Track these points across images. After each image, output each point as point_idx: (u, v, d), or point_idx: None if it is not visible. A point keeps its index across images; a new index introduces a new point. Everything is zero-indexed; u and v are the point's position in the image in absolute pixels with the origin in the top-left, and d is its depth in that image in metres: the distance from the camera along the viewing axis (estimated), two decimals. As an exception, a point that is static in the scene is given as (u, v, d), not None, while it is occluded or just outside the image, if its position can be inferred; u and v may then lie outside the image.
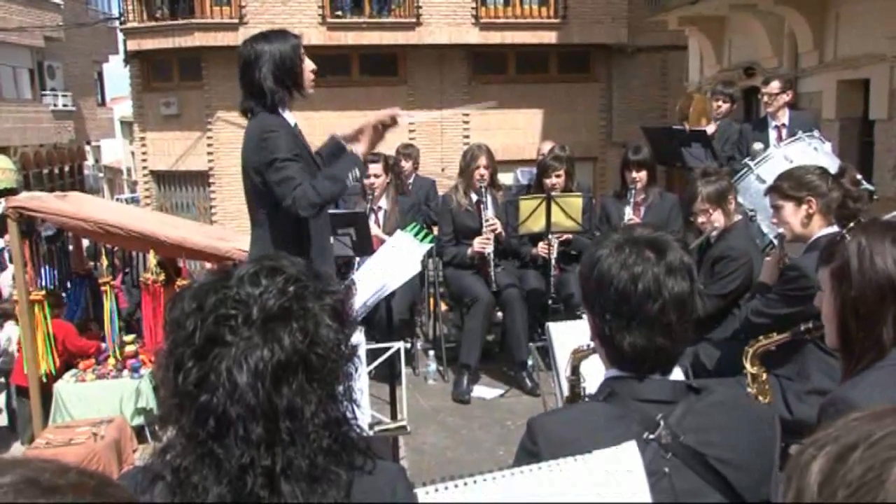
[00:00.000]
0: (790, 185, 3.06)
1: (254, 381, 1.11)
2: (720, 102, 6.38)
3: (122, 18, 15.09)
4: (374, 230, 5.36)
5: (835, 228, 2.98)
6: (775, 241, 3.72)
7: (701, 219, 3.75)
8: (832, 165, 3.72)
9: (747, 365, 2.58)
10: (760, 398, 2.57)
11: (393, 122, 3.13)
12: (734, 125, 6.41)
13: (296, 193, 2.90)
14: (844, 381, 1.74)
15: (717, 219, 3.73)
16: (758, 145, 5.18)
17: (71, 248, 6.91)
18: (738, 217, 3.87)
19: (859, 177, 4.36)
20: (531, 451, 1.44)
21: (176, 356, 1.15)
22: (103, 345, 5.85)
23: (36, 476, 0.66)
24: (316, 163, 3.23)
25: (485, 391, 5.21)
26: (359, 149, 3.08)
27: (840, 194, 3.05)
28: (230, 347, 1.12)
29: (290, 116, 3.11)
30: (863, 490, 0.69)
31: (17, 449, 6.03)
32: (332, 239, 3.81)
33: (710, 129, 6.31)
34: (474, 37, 14.55)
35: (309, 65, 3.09)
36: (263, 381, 1.11)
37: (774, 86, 5.84)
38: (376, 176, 5.45)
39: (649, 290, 1.44)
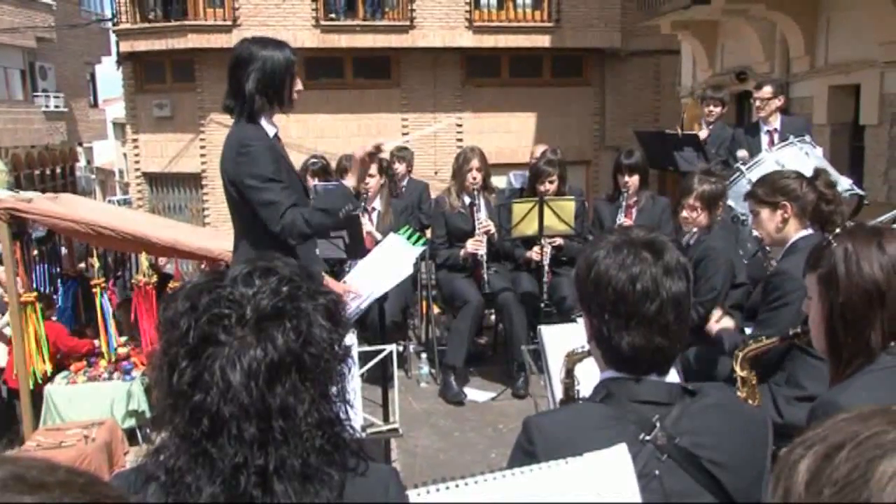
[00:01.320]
0: (765, 191, 3.10)
1: (247, 381, 1.11)
2: (711, 107, 6.41)
3: (115, 20, 15.05)
4: (368, 227, 5.37)
5: (810, 231, 3.01)
6: (767, 247, 3.75)
7: (685, 213, 3.76)
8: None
9: (737, 368, 2.59)
10: (749, 401, 2.58)
11: (377, 150, 3.13)
12: (727, 129, 6.45)
13: (285, 222, 2.88)
14: (833, 386, 1.76)
15: (702, 220, 3.75)
16: (742, 153, 5.21)
17: (63, 249, 6.88)
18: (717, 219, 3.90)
19: (850, 181, 4.40)
20: (527, 450, 1.45)
21: (170, 356, 1.15)
22: (96, 342, 5.81)
23: (23, 473, 0.66)
24: (295, 172, 3.23)
25: (477, 394, 5.22)
26: (349, 182, 3.06)
27: (814, 197, 3.08)
28: (224, 347, 1.13)
29: (271, 126, 3.07)
30: (848, 489, 0.71)
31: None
32: (322, 241, 3.81)
33: (703, 133, 6.34)
34: (468, 40, 14.57)
35: (297, 84, 3.06)
36: (257, 381, 1.12)
37: (767, 91, 5.87)
38: (370, 176, 5.46)
39: (647, 290, 1.46)
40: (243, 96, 2.96)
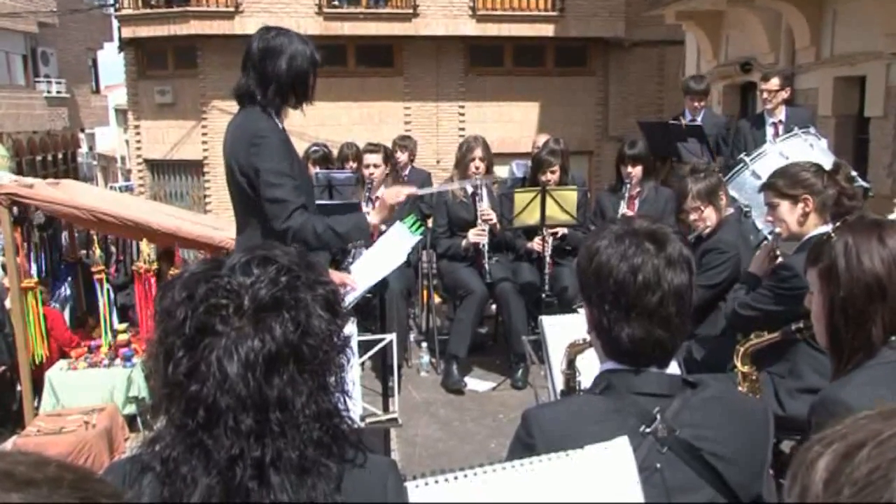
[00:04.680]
0: (785, 183, 3.01)
1: (244, 372, 1.10)
2: (696, 103, 6.38)
3: (117, 5, 14.98)
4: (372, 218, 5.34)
5: (829, 227, 2.96)
6: (770, 238, 3.72)
7: (693, 216, 3.72)
8: (827, 162, 3.71)
9: (738, 364, 2.58)
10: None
11: (406, 198, 3.12)
12: (716, 115, 6.44)
13: (292, 223, 2.85)
14: (834, 380, 1.75)
15: (709, 216, 3.71)
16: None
17: (64, 236, 6.87)
18: (729, 210, 3.86)
19: (854, 174, 4.36)
20: (527, 443, 1.44)
21: (166, 346, 1.14)
22: (93, 343, 5.80)
23: (10, 469, 0.65)
24: (303, 165, 3.20)
25: (477, 384, 5.22)
26: (372, 219, 3.05)
27: (835, 192, 3.01)
28: (221, 337, 1.12)
29: (282, 120, 3.04)
30: (869, 489, 0.68)
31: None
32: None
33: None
34: (471, 29, 14.50)
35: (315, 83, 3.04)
36: (254, 372, 1.11)
37: (774, 83, 5.83)
38: (375, 166, 5.44)
39: (649, 282, 1.44)
40: (275, 87, 2.92)
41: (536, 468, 1.27)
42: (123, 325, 5.96)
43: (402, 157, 6.77)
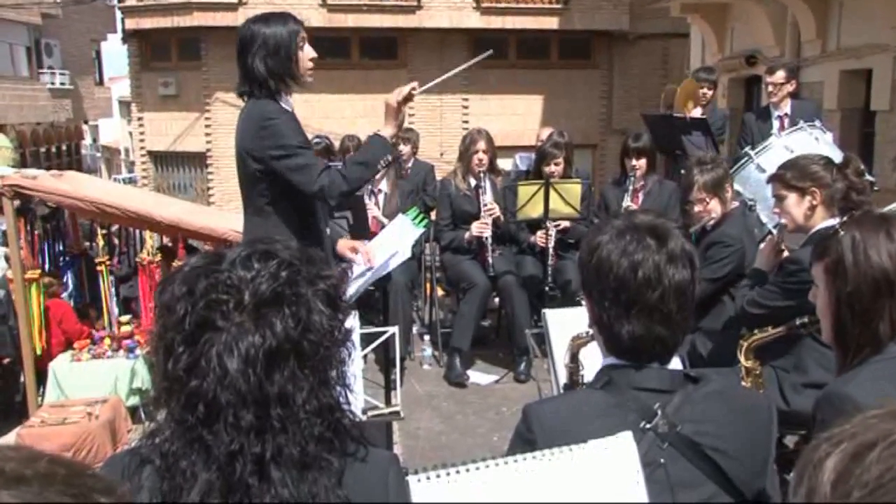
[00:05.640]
0: (794, 176, 2.96)
1: (245, 368, 1.09)
2: (705, 89, 6.36)
3: (121, -4, 14.97)
4: (374, 211, 5.34)
5: (837, 221, 2.93)
6: (774, 232, 3.70)
7: (698, 207, 3.70)
8: (834, 155, 3.69)
9: (742, 359, 2.57)
10: (754, 391, 2.56)
11: (410, 97, 3.00)
12: (718, 111, 6.44)
13: (323, 181, 2.82)
14: (840, 376, 1.74)
15: (714, 207, 3.69)
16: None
17: (69, 227, 6.88)
18: (734, 204, 3.83)
19: (863, 167, 4.34)
20: (527, 438, 1.43)
21: (166, 341, 1.13)
22: (96, 334, 5.80)
23: (0, 465, 0.64)
24: (311, 147, 3.19)
25: (480, 377, 5.21)
26: (386, 132, 2.96)
27: (844, 186, 2.98)
28: (221, 333, 1.11)
29: (288, 102, 3.01)
30: (880, 491, 0.66)
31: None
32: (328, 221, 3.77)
33: (697, 112, 6.27)
34: (475, 21, 14.45)
35: (308, 52, 2.94)
36: (254, 368, 1.10)
37: (780, 76, 5.80)
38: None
39: (649, 278, 1.43)
40: (257, 79, 2.88)
41: (539, 463, 1.26)
42: (127, 317, 5.97)
43: (404, 149, 6.76)
